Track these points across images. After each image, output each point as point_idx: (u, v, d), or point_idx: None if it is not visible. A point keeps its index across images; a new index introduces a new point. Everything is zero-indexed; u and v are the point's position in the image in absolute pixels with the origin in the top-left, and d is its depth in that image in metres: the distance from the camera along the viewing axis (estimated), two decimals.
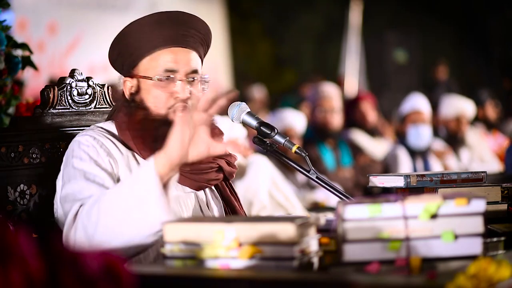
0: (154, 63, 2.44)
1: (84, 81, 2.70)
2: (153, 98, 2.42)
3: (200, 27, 2.50)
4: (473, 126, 7.95)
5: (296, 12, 15.15)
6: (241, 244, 1.89)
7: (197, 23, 2.50)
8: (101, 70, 9.70)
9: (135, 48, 2.45)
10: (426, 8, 15.74)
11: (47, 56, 9.36)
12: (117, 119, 2.47)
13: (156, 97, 2.42)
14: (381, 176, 2.53)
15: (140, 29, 2.45)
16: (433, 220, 1.90)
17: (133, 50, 2.45)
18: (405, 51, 15.20)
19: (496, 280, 1.68)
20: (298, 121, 5.80)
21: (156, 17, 2.47)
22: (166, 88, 2.42)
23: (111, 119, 2.52)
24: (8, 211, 2.47)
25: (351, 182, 6.04)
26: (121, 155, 2.41)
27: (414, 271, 1.83)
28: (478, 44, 16.11)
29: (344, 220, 1.91)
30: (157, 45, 2.44)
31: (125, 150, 2.43)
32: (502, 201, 2.43)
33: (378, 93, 11.32)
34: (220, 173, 2.51)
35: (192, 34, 2.47)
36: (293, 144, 2.50)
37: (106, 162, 2.37)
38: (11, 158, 2.51)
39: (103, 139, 2.41)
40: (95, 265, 1.44)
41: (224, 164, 2.51)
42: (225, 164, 2.51)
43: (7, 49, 3.15)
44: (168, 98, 2.42)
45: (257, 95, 11.23)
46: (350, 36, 11.85)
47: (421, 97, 6.62)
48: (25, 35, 8.55)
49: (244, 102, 2.55)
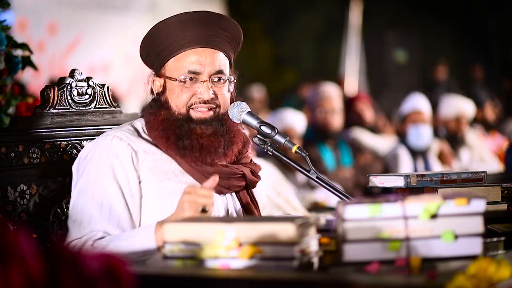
0: (179, 64, 2.46)
1: (84, 81, 2.70)
2: (176, 98, 2.46)
3: (228, 27, 2.51)
4: (472, 128, 7.94)
5: (296, 12, 15.14)
6: (241, 244, 1.89)
7: (224, 22, 2.51)
8: (101, 70, 9.70)
9: (162, 49, 2.48)
10: (426, 8, 15.74)
11: (47, 56, 9.36)
12: (146, 117, 2.51)
13: (178, 97, 2.46)
14: (381, 176, 2.53)
15: (167, 29, 2.47)
16: (433, 220, 1.90)
17: (160, 50, 2.48)
18: (405, 51, 15.19)
19: (496, 280, 1.68)
20: (298, 121, 5.80)
21: (182, 17, 2.48)
22: (189, 89, 2.46)
23: (142, 117, 2.55)
24: (8, 211, 2.47)
25: (351, 182, 6.03)
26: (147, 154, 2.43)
27: (414, 271, 1.83)
28: (478, 44, 16.10)
29: (344, 220, 1.90)
30: (182, 46, 2.46)
31: (153, 148, 2.45)
32: (502, 201, 2.43)
33: (378, 93, 11.33)
34: (242, 181, 2.50)
35: (219, 34, 2.48)
36: (293, 144, 2.50)
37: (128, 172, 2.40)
38: (11, 158, 2.51)
39: (132, 137, 2.44)
40: (95, 265, 1.44)
41: (248, 173, 2.51)
42: (249, 173, 2.51)
43: (7, 49, 3.15)
44: (189, 98, 2.46)
45: (257, 95, 11.23)
46: (350, 36, 11.85)
47: (421, 97, 6.61)
48: (25, 35, 8.55)
49: (244, 102, 2.55)
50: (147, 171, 2.41)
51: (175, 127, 2.43)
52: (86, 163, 2.43)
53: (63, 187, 2.60)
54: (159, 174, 2.41)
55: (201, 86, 2.45)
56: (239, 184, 2.50)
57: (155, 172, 2.41)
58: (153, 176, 2.40)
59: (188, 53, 2.46)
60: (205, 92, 2.45)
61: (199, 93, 2.45)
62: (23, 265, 1.36)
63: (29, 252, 1.38)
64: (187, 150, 2.42)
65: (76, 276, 1.41)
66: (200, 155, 2.42)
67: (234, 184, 2.48)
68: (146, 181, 2.40)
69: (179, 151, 2.42)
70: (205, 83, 2.45)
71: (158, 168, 2.42)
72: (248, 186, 2.53)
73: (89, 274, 1.42)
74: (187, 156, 2.42)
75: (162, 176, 2.41)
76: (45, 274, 1.39)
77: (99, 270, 1.44)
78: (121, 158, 2.40)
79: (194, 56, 2.46)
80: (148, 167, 2.41)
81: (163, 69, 2.50)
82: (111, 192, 2.37)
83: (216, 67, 2.47)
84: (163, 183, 2.40)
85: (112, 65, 10.00)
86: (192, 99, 2.46)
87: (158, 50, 2.48)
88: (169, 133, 2.43)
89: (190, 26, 2.46)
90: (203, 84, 2.45)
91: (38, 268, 1.38)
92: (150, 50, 2.50)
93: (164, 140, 2.43)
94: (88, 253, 1.45)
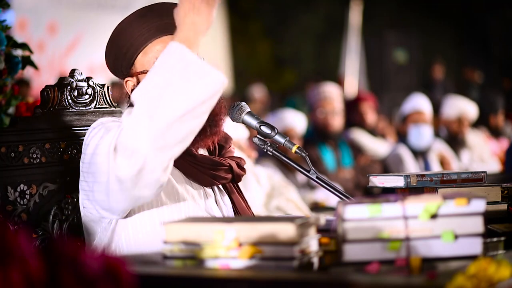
0: (148, 56, 2.47)
1: (84, 81, 2.70)
2: None
3: None
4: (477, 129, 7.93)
5: (296, 12, 15.16)
6: (241, 244, 1.89)
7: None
8: (101, 70, 9.69)
9: (128, 47, 2.49)
10: (426, 8, 15.76)
11: (47, 56, 9.36)
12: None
13: None
14: (381, 176, 2.53)
15: (128, 28, 2.49)
16: (433, 220, 1.90)
17: (126, 49, 2.49)
18: (405, 51, 15.20)
19: (496, 280, 1.68)
20: (299, 121, 5.79)
21: (139, 12, 2.51)
22: None
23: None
24: (8, 211, 2.47)
25: (351, 182, 6.03)
26: None
27: (414, 271, 1.83)
28: (478, 44, 16.11)
29: (344, 220, 1.91)
30: (146, 39, 2.47)
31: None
32: (502, 201, 2.43)
33: (378, 93, 11.33)
34: (229, 173, 2.52)
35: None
36: (293, 144, 2.50)
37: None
38: (11, 158, 2.51)
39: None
40: (95, 265, 1.44)
41: (235, 165, 2.52)
42: (235, 166, 2.53)
43: (7, 49, 3.15)
44: None
45: (257, 95, 11.24)
46: (350, 36, 11.85)
47: (422, 97, 6.62)
48: (25, 35, 8.56)
49: (244, 102, 2.55)
50: None
51: None
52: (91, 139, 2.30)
53: (63, 187, 2.60)
54: None
55: None
56: (226, 176, 2.50)
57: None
58: None
59: (154, 44, 2.47)
60: None
61: None
62: (23, 265, 1.36)
63: (29, 252, 1.38)
64: None
65: (76, 276, 1.41)
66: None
67: (221, 175, 2.49)
68: None
69: None
70: None
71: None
72: (234, 179, 2.54)
73: (89, 274, 1.43)
74: None
75: None
76: (45, 274, 1.39)
77: (99, 270, 1.44)
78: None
79: (160, 44, 2.46)
80: None
81: (133, 67, 2.50)
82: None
83: None
84: None
85: None
86: None
87: (124, 50, 2.49)
88: None
89: (149, 18, 2.47)
90: None
91: (38, 268, 1.38)
92: (117, 51, 2.50)
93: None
94: (88, 253, 1.45)
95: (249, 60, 14.78)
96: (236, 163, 2.54)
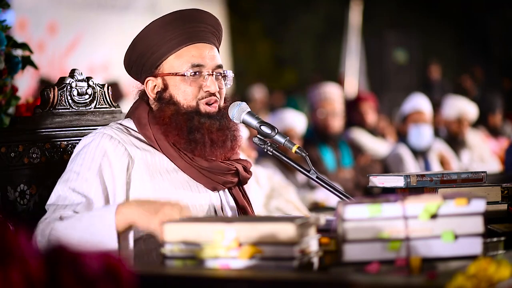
0: (181, 59, 2.50)
1: (84, 81, 2.70)
2: (182, 93, 2.49)
3: (213, 22, 2.57)
4: (476, 129, 7.93)
5: (296, 12, 15.15)
6: (241, 244, 1.89)
7: (209, 18, 2.57)
8: (101, 70, 9.70)
9: (157, 48, 2.50)
10: (426, 8, 15.75)
11: (47, 56, 9.36)
12: (136, 116, 2.52)
13: (185, 92, 2.49)
14: (381, 176, 2.53)
15: (158, 30, 2.51)
16: (433, 220, 1.90)
17: (155, 50, 2.51)
18: (405, 51, 15.19)
19: (496, 280, 1.68)
20: (299, 121, 5.79)
21: (170, 17, 2.53)
22: (195, 82, 2.49)
23: (129, 117, 2.56)
24: (8, 211, 2.47)
25: (351, 183, 6.03)
26: (139, 151, 2.44)
27: (414, 271, 1.83)
28: (478, 44, 16.11)
29: (344, 220, 1.91)
30: (179, 43, 2.50)
31: (145, 146, 2.47)
32: (502, 201, 2.43)
33: (378, 93, 11.32)
34: (236, 177, 2.53)
35: (206, 29, 2.54)
36: (293, 144, 2.50)
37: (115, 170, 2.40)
38: (11, 158, 2.51)
39: (122, 135, 2.46)
40: (95, 265, 1.44)
41: (241, 169, 2.54)
42: (241, 169, 2.54)
43: (7, 49, 3.15)
44: (197, 91, 2.49)
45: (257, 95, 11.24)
46: (350, 36, 11.84)
47: (422, 97, 6.62)
48: (25, 35, 8.55)
49: (244, 102, 2.55)
50: (138, 169, 2.42)
51: (186, 120, 2.46)
52: (74, 158, 2.45)
53: None
54: (152, 171, 2.43)
55: (207, 79, 2.49)
56: (232, 180, 2.52)
57: (147, 169, 2.43)
58: (146, 173, 2.42)
59: (189, 48, 2.50)
60: (211, 84, 2.49)
61: (206, 86, 2.49)
62: (23, 265, 1.36)
63: (29, 252, 1.38)
64: (199, 144, 2.45)
65: (76, 276, 1.41)
66: (211, 149, 2.47)
67: (227, 180, 2.50)
68: (138, 178, 2.41)
69: (189, 144, 2.45)
70: (210, 76, 2.50)
71: (150, 165, 2.44)
72: (240, 182, 2.56)
73: (89, 274, 1.42)
74: (197, 149, 2.45)
75: (155, 173, 2.43)
76: (45, 274, 1.39)
77: (99, 270, 1.44)
78: (110, 156, 2.41)
79: (195, 50, 2.50)
80: (140, 164, 2.43)
81: (160, 68, 2.52)
82: (93, 187, 2.38)
83: (217, 62, 2.53)
84: (155, 180, 2.42)
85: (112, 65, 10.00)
86: (202, 92, 2.49)
87: (152, 50, 2.51)
88: (180, 126, 2.46)
89: (183, 22, 2.50)
90: (209, 77, 2.49)
91: (38, 268, 1.38)
92: (144, 51, 2.52)
93: (175, 133, 2.45)
94: (88, 253, 1.45)
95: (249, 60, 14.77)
96: (243, 166, 2.55)
